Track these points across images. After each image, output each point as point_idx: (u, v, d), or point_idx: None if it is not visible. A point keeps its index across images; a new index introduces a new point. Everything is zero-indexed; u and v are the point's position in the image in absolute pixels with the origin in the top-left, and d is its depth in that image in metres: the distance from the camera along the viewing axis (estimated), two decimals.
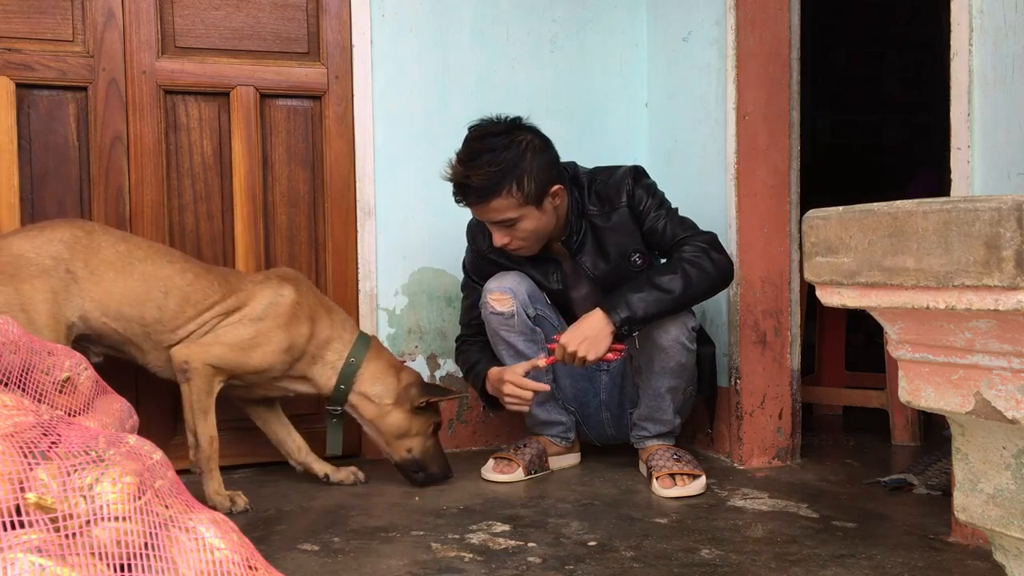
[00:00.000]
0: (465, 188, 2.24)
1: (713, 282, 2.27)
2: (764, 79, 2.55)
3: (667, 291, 2.21)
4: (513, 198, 2.23)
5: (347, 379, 2.29)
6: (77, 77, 2.43)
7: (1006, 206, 0.92)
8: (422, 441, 2.34)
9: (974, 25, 1.80)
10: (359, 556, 1.82)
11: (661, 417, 2.41)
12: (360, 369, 2.30)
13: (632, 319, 2.20)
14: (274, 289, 2.26)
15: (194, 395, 2.15)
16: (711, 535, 1.94)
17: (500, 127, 2.28)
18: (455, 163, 2.26)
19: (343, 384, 2.29)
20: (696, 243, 2.27)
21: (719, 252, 2.28)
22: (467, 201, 2.28)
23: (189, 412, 2.16)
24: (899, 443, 2.90)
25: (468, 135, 2.30)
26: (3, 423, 0.97)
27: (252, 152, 2.59)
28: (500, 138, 2.24)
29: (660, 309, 2.22)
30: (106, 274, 2.12)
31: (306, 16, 2.66)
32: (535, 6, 2.89)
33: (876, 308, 1.10)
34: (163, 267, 2.19)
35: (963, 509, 1.13)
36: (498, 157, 2.21)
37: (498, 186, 2.21)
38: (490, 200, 2.23)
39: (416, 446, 2.33)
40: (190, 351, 2.15)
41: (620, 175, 2.39)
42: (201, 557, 0.92)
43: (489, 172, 2.20)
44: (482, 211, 2.28)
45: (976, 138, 1.81)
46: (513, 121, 2.30)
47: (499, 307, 2.37)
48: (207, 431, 2.17)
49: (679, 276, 2.22)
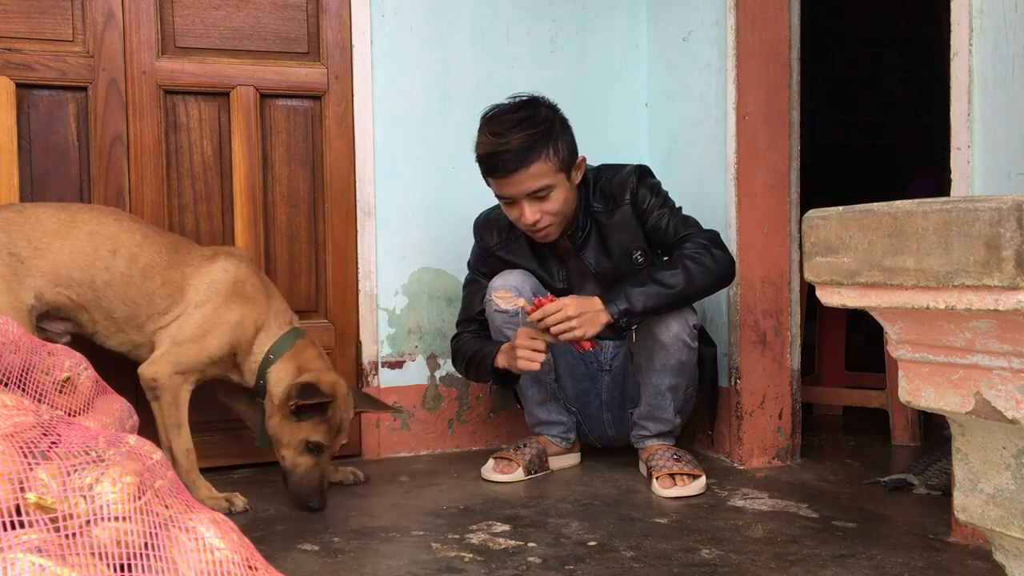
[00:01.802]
0: (503, 156, 2.20)
1: (714, 278, 2.27)
2: (764, 79, 2.55)
3: (667, 286, 2.21)
4: (551, 162, 2.22)
5: (263, 374, 2.19)
6: (77, 77, 2.43)
7: (1006, 206, 0.92)
8: (293, 454, 2.15)
9: (974, 25, 1.80)
10: (359, 556, 1.82)
11: (661, 416, 2.41)
12: (274, 365, 2.19)
13: (631, 311, 2.20)
14: (218, 265, 2.20)
15: (165, 411, 2.12)
16: (711, 535, 1.94)
17: (521, 102, 2.29)
18: (486, 135, 2.25)
19: (260, 380, 2.19)
20: (698, 240, 2.28)
21: (721, 249, 2.28)
22: (504, 170, 2.21)
23: (163, 430, 2.13)
24: (899, 443, 2.90)
25: (489, 115, 2.29)
26: (3, 423, 0.97)
27: (252, 152, 2.59)
28: (525, 110, 2.26)
29: (660, 304, 2.22)
30: (52, 244, 2.09)
31: (306, 16, 2.66)
32: (535, 6, 2.89)
33: (876, 308, 1.10)
34: (109, 225, 2.15)
35: (963, 509, 1.13)
36: (534, 122, 2.22)
37: (537, 147, 2.20)
38: (530, 164, 2.20)
39: (288, 456, 2.15)
40: (155, 367, 2.12)
41: (625, 173, 2.39)
42: (201, 557, 0.92)
43: (528, 134, 2.20)
44: (519, 179, 2.22)
45: (976, 138, 1.81)
46: (531, 97, 2.31)
47: (504, 305, 2.37)
48: (182, 445, 2.14)
49: (680, 272, 2.23)
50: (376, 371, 2.72)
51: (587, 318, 2.19)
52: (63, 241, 2.10)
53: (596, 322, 2.19)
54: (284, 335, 2.23)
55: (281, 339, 2.21)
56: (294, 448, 2.14)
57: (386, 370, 2.74)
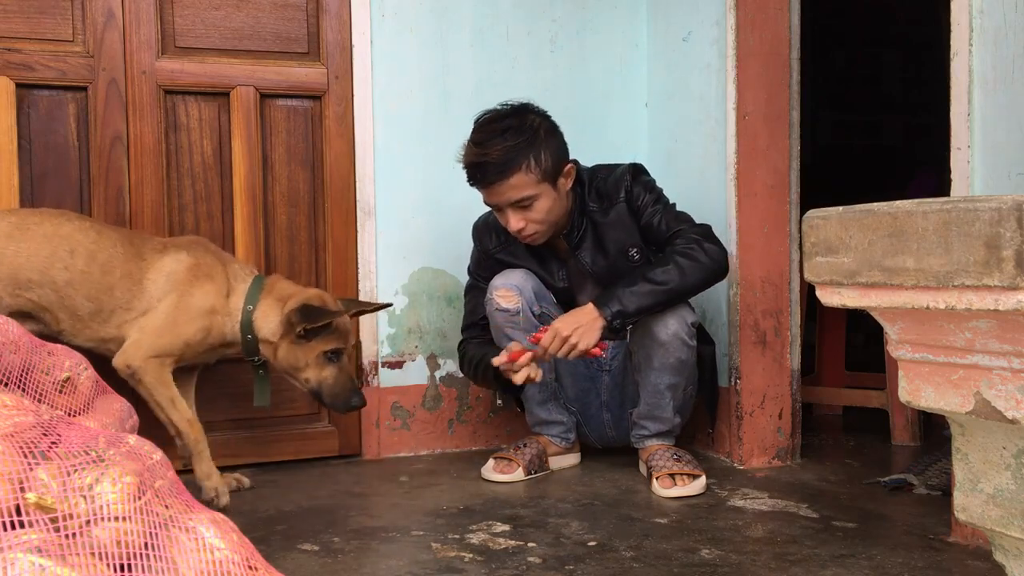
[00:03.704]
0: (483, 167, 2.24)
1: (707, 273, 2.26)
2: (764, 79, 2.55)
3: (659, 283, 2.22)
4: (532, 173, 2.23)
5: (248, 327, 2.22)
6: (77, 77, 2.43)
7: (1006, 206, 0.92)
8: (316, 371, 2.22)
9: (974, 25, 1.80)
10: (359, 556, 1.82)
11: (661, 415, 2.41)
12: (256, 312, 2.23)
13: (624, 313, 2.20)
14: (170, 256, 2.22)
15: (153, 391, 2.15)
16: (711, 535, 1.94)
17: (510, 110, 2.30)
18: (470, 145, 2.28)
19: (248, 334, 2.23)
20: (689, 235, 2.28)
21: (712, 242, 2.27)
22: (484, 181, 2.26)
23: (158, 409, 2.17)
24: (899, 443, 2.90)
25: (479, 121, 2.31)
26: (3, 423, 0.97)
27: (252, 152, 2.59)
28: (512, 119, 2.27)
29: (654, 302, 2.22)
30: (6, 248, 2.09)
31: (306, 16, 2.66)
32: (535, 6, 2.89)
33: (876, 308, 1.10)
34: (62, 226, 2.16)
35: (963, 509, 1.13)
36: (516, 133, 2.23)
37: (517, 160, 2.22)
38: (509, 176, 2.22)
39: (312, 377, 2.23)
40: (126, 356, 2.14)
41: (620, 172, 2.40)
42: (201, 557, 0.92)
43: (507, 146, 2.21)
44: (500, 190, 2.26)
45: (976, 138, 1.81)
46: (522, 104, 2.32)
47: (505, 304, 2.38)
48: (182, 416, 2.17)
49: (672, 268, 2.23)
50: (376, 371, 2.72)
51: (583, 330, 2.19)
52: (18, 245, 2.10)
53: (593, 330, 2.19)
54: (250, 285, 2.27)
55: (250, 289, 2.26)
56: (314, 366, 2.22)
57: (386, 370, 2.74)
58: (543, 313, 2.42)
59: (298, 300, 2.20)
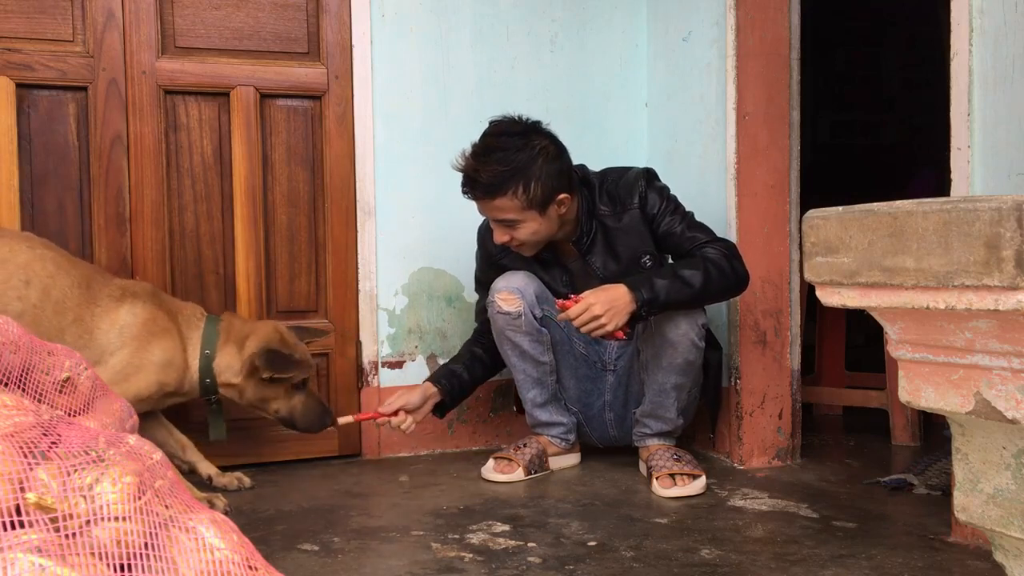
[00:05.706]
0: (473, 182, 2.27)
1: (730, 287, 2.28)
2: (764, 79, 2.55)
3: (688, 284, 2.21)
4: (517, 200, 2.24)
5: (208, 372, 2.23)
6: (77, 77, 2.43)
7: (1006, 206, 0.92)
8: (286, 402, 2.28)
9: (974, 25, 1.80)
10: (359, 556, 1.82)
11: (664, 415, 2.40)
12: (215, 359, 2.23)
13: (654, 301, 2.19)
14: (125, 309, 2.15)
15: None
16: (711, 535, 1.94)
17: (519, 127, 2.29)
18: (468, 155, 2.28)
19: (207, 378, 2.24)
20: (720, 248, 2.28)
21: (739, 262, 2.28)
22: (473, 194, 2.29)
23: None
24: (899, 443, 2.90)
25: (487, 130, 2.32)
26: (3, 423, 0.97)
27: (252, 152, 2.59)
28: (516, 139, 2.25)
29: (679, 299, 2.22)
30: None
31: (306, 16, 2.66)
32: (535, 6, 2.89)
33: (876, 308, 1.10)
34: (22, 252, 2.06)
35: (963, 509, 1.13)
36: (510, 157, 2.22)
37: (504, 186, 2.22)
38: (494, 198, 2.25)
39: (282, 408, 2.29)
40: None
41: (632, 176, 2.39)
42: (201, 557, 0.92)
43: (498, 171, 2.22)
44: (485, 207, 2.31)
45: (976, 138, 1.81)
46: (533, 124, 2.31)
47: (506, 307, 2.38)
48: None
49: (701, 272, 2.22)
50: (376, 371, 2.72)
51: (613, 312, 2.17)
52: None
53: (624, 313, 2.17)
54: (204, 330, 2.25)
55: (204, 334, 2.25)
56: (283, 397, 2.28)
57: (386, 370, 2.74)
58: (545, 316, 2.42)
59: (258, 341, 2.23)
